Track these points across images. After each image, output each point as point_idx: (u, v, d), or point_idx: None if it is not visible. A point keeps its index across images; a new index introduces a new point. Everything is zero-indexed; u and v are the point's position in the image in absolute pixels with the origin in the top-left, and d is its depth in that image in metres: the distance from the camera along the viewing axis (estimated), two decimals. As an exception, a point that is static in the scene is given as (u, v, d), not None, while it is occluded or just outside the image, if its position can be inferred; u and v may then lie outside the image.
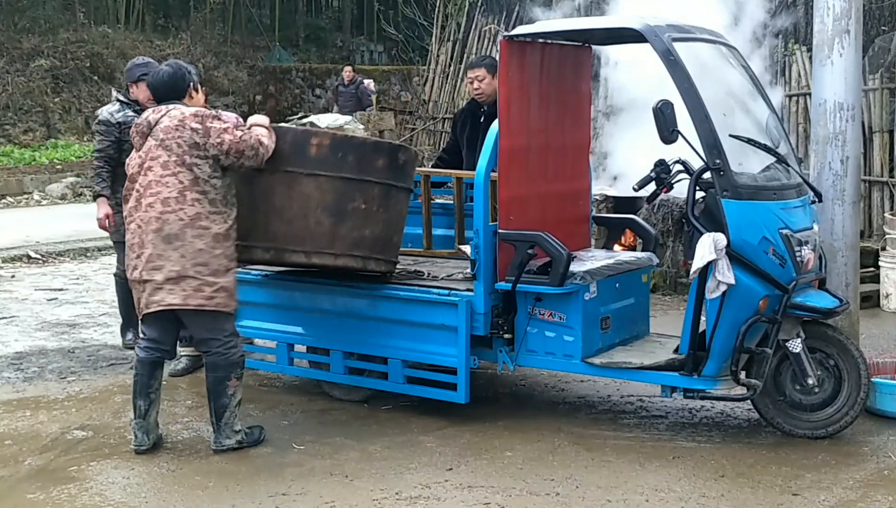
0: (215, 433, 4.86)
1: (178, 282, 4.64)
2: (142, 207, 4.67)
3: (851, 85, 5.50)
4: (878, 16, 11.75)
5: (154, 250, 4.65)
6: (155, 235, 4.65)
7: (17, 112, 19.06)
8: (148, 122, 4.74)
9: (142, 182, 4.70)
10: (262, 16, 25.52)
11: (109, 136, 6.42)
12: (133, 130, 4.83)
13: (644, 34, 4.89)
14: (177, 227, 4.64)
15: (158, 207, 4.65)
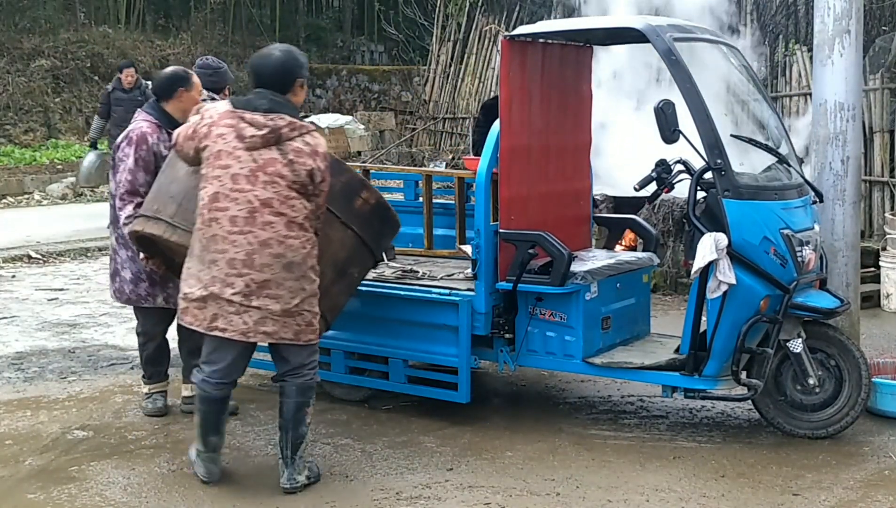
0: (288, 468, 4.42)
1: (294, 316, 4.25)
2: (257, 222, 4.15)
3: (852, 85, 5.50)
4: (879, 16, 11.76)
5: (273, 275, 4.17)
6: (275, 260, 4.18)
7: (18, 112, 19.05)
8: (278, 134, 4.20)
9: (260, 194, 4.16)
10: (262, 16, 25.51)
11: None
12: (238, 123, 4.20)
13: (646, 34, 4.89)
14: (300, 256, 4.23)
15: (282, 229, 4.18)
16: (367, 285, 5.45)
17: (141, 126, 5.11)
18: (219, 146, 4.19)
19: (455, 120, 17.43)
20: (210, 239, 4.19)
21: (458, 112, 17.40)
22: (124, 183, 5.04)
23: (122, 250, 5.24)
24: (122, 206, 5.04)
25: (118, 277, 5.30)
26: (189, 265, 4.30)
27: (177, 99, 5.16)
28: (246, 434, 5.14)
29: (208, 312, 4.20)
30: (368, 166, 7.02)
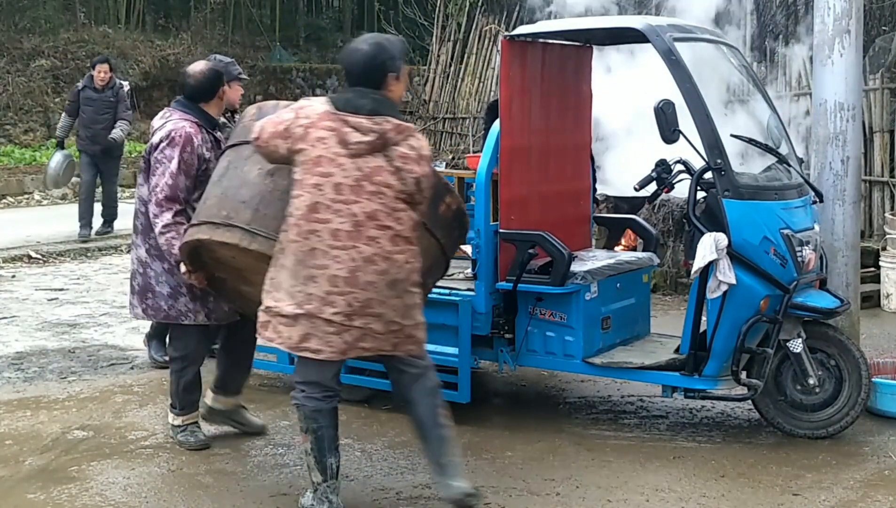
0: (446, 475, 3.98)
1: (395, 333, 3.94)
2: (361, 236, 3.81)
3: (852, 85, 5.50)
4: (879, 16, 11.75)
5: (376, 294, 3.84)
6: (379, 277, 3.85)
7: (18, 112, 19.05)
8: (385, 139, 3.87)
9: (365, 206, 3.82)
10: (262, 16, 25.51)
11: None
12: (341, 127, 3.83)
13: (646, 34, 4.90)
14: (404, 272, 3.90)
15: (386, 244, 3.86)
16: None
17: (183, 126, 4.65)
18: (318, 151, 3.81)
19: (455, 120, 17.42)
20: (308, 253, 3.82)
21: (458, 112, 17.40)
22: (164, 188, 4.57)
23: (155, 263, 4.73)
24: (159, 213, 4.56)
25: (151, 292, 4.76)
26: (274, 277, 3.91)
27: (219, 98, 4.85)
28: (246, 434, 5.13)
29: (298, 330, 3.85)
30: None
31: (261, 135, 3.99)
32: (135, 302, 4.85)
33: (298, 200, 3.85)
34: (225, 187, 4.27)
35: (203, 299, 4.72)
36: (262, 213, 4.11)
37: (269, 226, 4.05)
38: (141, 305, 4.81)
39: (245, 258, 4.20)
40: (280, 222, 3.95)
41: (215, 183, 4.35)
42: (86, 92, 11.05)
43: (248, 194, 4.17)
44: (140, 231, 4.78)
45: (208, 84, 4.80)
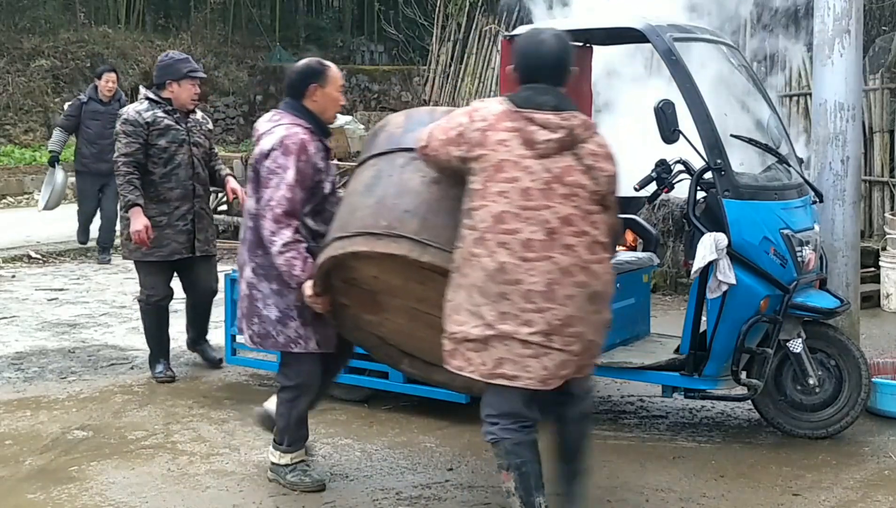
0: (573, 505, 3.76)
1: (590, 355, 3.63)
2: (556, 245, 3.46)
3: (852, 85, 5.50)
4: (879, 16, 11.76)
5: (576, 310, 3.49)
6: (578, 290, 3.49)
7: (18, 112, 19.06)
8: (574, 136, 3.54)
9: (558, 211, 3.46)
10: (262, 16, 25.50)
11: (138, 138, 5.78)
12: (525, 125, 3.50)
13: (645, 34, 4.89)
14: (601, 283, 3.56)
15: (583, 252, 3.50)
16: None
17: (296, 132, 4.18)
18: (500, 155, 3.46)
19: (455, 120, 17.41)
20: (497, 268, 3.45)
21: (458, 112, 17.38)
22: (281, 201, 4.08)
23: (262, 283, 4.23)
24: (277, 230, 4.07)
25: (258, 317, 4.28)
26: (452, 298, 3.56)
27: (309, 98, 4.30)
28: (246, 434, 5.14)
29: (492, 355, 3.47)
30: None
31: (429, 143, 3.65)
32: (243, 326, 4.40)
33: (482, 211, 3.48)
34: (380, 196, 3.84)
35: (314, 324, 4.24)
36: (431, 223, 3.71)
37: (441, 237, 3.67)
38: (248, 330, 4.35)
39: (391, 278, 3.91)
40: (451, 232, 3.62)
41: (362, 193, 3.93)
42: (90, 105, 10.07)
43: (413, 203, 3.76)
44: (249, 248, 4.28)
45: (297, 80, 4.34)
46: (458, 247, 3.57)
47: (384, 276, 3.92)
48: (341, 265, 3.95)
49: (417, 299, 3.96)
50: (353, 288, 4.07)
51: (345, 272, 4.00)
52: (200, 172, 6.02)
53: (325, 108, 4.31)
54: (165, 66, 5.94)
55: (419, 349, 4.29)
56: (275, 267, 4.15)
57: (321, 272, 3.99)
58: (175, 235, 5.94)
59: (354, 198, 3.98)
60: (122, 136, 5.81)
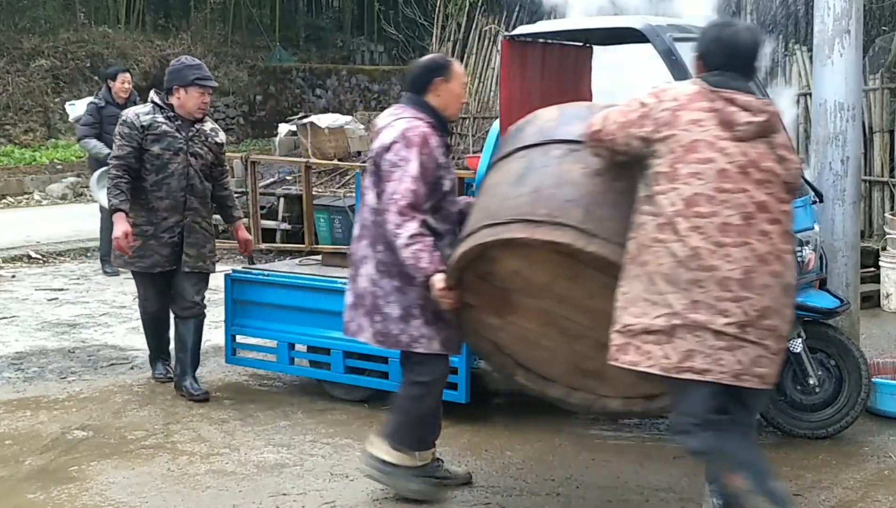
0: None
1: (779, 354, 3.40)
2: (753, 231, 3.30)
3: (852, 85, 5.49)
4: (879, 16, 11.76)
5: (772, 301, 3.31)
6: (774, 280, 3.32)
7: (18, 112, 19.06)
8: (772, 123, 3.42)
9: (754, 196, 3.31)
10: (262, 16, 25.51)
11: (131, 141, 5.55)
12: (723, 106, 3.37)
13: (646, 34, 4.89)
14: (792, 275, 3.41)
15: (778, 241, 3.35)
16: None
17: (417, 125, 4.09)
18: (693, 135, 3.32)
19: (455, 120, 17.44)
20: (690, 254, 3.28)
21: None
22: (405, 194, 3.98)
23: (384, 280, 4.11)
24: (402, 222, 3.96)
25: (379, 314, 4.14)
26: (628, 290, 3.40)
27: (433, 93, 4.18)
28: (246, 434, 5.14)
29: (678, 347, 3.28)
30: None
31: (604, 127, 3.51)
32: (363, 324, 4.21)
33: (670, 194, 3.33)
34: (535, 186, 3.71)
35: (437, 323, 4.11)
36: (596, 214, 3.57)
37: (607, 229, 3.53)
38: (370, 328, 4.19)
39: (536, 273, 3.76)
40: (615, 224, 3.51)
41: (513, 184, 3.80)
42: (107, 109, 9.27)
43: (575, 193, 3.63)
44: (369, 243, 4.17)
45: (420, 74, 4.24)
46: (631, 237, 3.43)
47: (528, 271, 3.78)
48: (483, 257, 3.79)
49: (558, 300, 3.80)
50: (485, 285, 3.92)
51: (483, 265, 3.85)
52: (196, 185, 5.66)
53: (448, 103, 4.22)
54: (174, 71, 5.69)
55: (537, 360, 4.12)
56: (397, 263, 4.04)
57: (460, 263, 3.83)
58: (159, 246, 5.62)
59: (502, 189, 3.84)
60: (117, 137, 5.63)
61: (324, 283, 5.57)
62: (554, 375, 4.07)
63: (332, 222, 9.04)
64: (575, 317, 3.76)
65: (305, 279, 5.67)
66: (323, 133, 12.43)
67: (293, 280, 5.70)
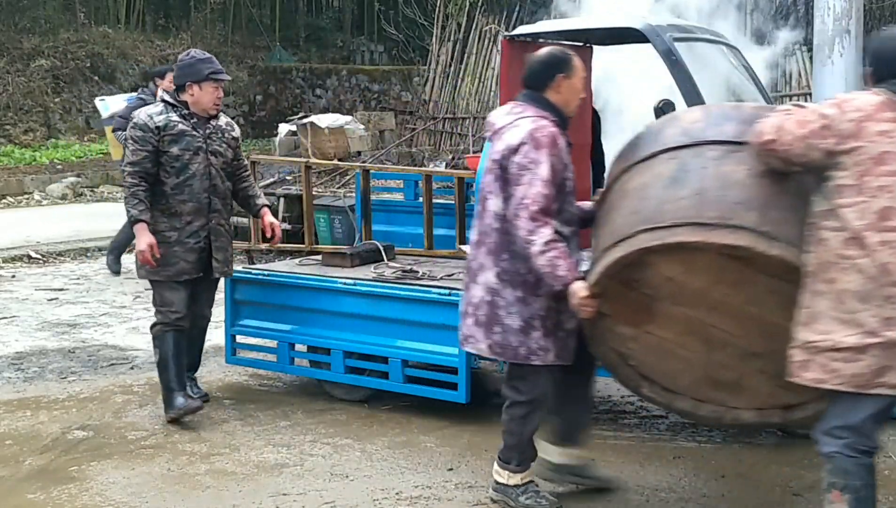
0: None
1: None
2: None
3: (852, 85, 5.50)
4: (879, 16, 11.77)
5: None
6: None
7: (18, 112, 19.06)
8: None
9: None
10: (262, 16, 25.52)
11: (146, 144, 5.19)
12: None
13: (646, 34, 4.89)
14: None
15: None
16: (366, 285, 5.46)
17: (545, 124, 3.91)
18: (882, 147, 3.24)
19: (455, 120, 17.43)
20: (880, 270, 3.21)
21: (457, 112, 17.40)
22: (537, 198, 3.81)
23: (506, 289, 3.97)
24: (535, 229, 3.79)
25: (499, 325, 3.99)
26: (810, 305, 3.34)
27: (553, 90, 4.02)
28: (246, 434, 5.14)
29: (870, 364, 3.23)
30: (368, 166, 7.02)
31: (779, 137, 3.41)
32: (478, 335, 4.07)
33: (857, 208, 3.25)
34: (698, 188, 3.58)
35: (555, 335, 4.00)
36: (771, 216, 3.47)
37: (784, 232, 3.44)
38: (486, 339, 4.04)
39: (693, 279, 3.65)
40: (790, 228, 3.43)
41: (667, 186, 3.67)
42: None
43: (743, 196, 3.52)
44: (492, 251, 4.00)
45: (541, 70, 4.05)
46: (810, 251, 3.35)
47: (685, 276, 3.66)
48: (638, 263, 3.67)
49: (708, 307, 3.70)
50: (628, 293, 3.78)
51: (633, 272, 3.71)
52: (219, 185, 5.37)
53: (569, 100, 4.07)
54: (186, 66, 5.33)
55: (664, 372, 3.98)
56: (521, 273, 3.92)
57: (612, 269, 3.68)
58: (185, 253, 5.28)
59: (654, 191, 3.70)
60: (129, 142, 5.24)
61: (324, 283, 5.57)
62: (681, 387, 3.97)
63: (332, 222, 9.05)
64: (724, 325, 3.69)
65: (305, 279, 5.67)
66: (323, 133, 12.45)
67: (293, 280, 5.70)
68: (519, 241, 3.85)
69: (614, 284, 3.74)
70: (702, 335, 3.78)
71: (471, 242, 4.13)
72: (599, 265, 3.72)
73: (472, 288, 4.08)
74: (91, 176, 16.35)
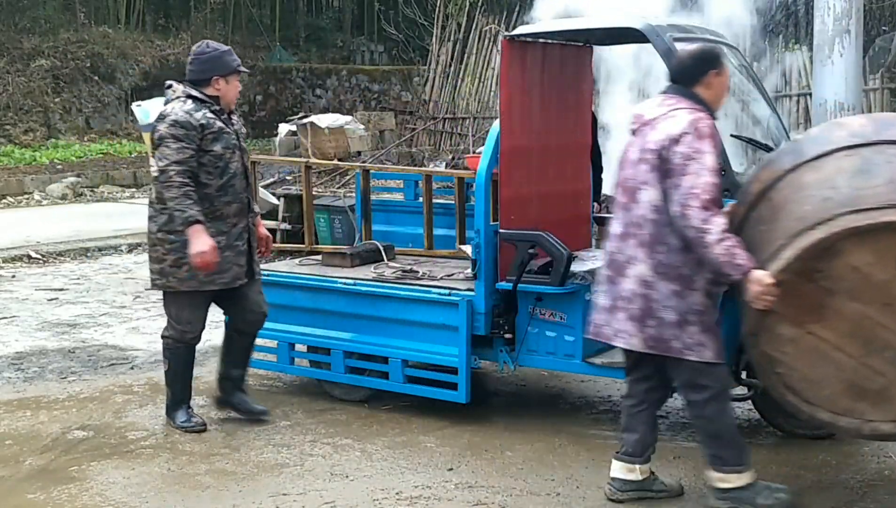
0: None
1: None
2: None
3: (852, 85, 5.51)
4: (879, 16, 11.77)
5: None
6: None
7: (18, 112, 19.07)
8: None
9: None
10: (262, 16, 25.53)
11: (191, 142, 4.86)
12: None
13: (646, 34, 4.89)
14: None
15: None
16: (366, 285, 5.46)
17: (702, 115, 3.90)
18: None
19: (455, 120, 17.43)
20: None
21: (458, 112, 17.41)
22: (707, 187, 3.77)
23: (661, 283, 3.93)
24: (708, 218, 3.75)
25: (653, 319, 3.96)
26: None
27: (704, 85, 4.01)
28: (246, 434, 5.14)
29: None
30: (368, 166, 7.03)
31: None
32: (630, 329, 4.03)
33: None
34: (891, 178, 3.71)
35: (713, 331, 3.98)
36: None
37: None
38: (639, 333, 4.00)
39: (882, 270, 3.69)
40: None
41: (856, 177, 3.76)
42: None
43: None
44: (645, 243, 3.95)
45: (692, 67, 4.04)
46: None
47: (872, 267, 3.70)
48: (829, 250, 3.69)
49: (884, 303, 3.75)
50: (806, 286, 3.78)
51: (819, 261, 3.72)
52: (251, 183, 5.23)
53: (719, 96, 4.05)
54: (211, 59, 5.03)
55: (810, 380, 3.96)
56: (677, 266, 3.90)
57: (808, 254, 3.70)
58: (235, 257, 5.03)
59: (843, 180, 3.77)
60: (170, 140, 4.84)
61: (324, 283, 5.57)
62: (821, 398, 3.97)
63: (332, 222, 9.05)
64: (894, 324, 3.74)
65: (305, 279, 5.67)
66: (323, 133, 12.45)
67: (293, 280, 5.70)
68: (690, 232, 3.81)
69: (792, 276, 3.74)
70: (865, 337, 3.82)
71: (613, 234, 4.08)
72: (789, 251, 3.71)
73: (620, 282, 4.03)
74: (91, 176, 16.36)
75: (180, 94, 5.02)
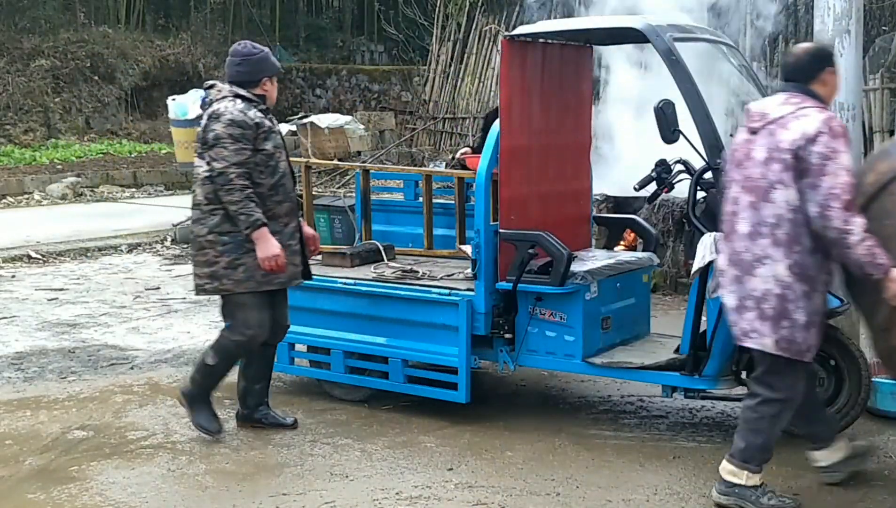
0: None
1: None
2: None
3: (852, 85, 5.49)
4: (879, 16, 11.77)
5: None
6: None
7: (18, 112, 19.06)
8: None
9: None
10: (262, 16, 25.52)
11: (248, 143, 4.79)
12: None
13: (646, 34, 4.89)
14: None
15: None
16: (366, 285, 5.46)
17: (830, 115, 3.94)
18: None
19: (455, 120, 17.45)
20: None
21: (457, 112, 17.42)
22: (846, 187, 3.78)
23: (797, 284, 3.92)
24: (849, 218, 3.75)
25: (787, 320, 3.94)
26: None
27: (820, 82, 4.05)
28: (246, 434, 5.14)
29: None
30: (368, 166, 7.02)
31: None
32: (763, 330, 3.99)
33: None
34: None
35: (818, 332, 4.04)
36: None
37: None
38: (773, 334, 3.96)
39: None
40: None
41: None
42: None
43: None
44: (781, 243, 3.91)
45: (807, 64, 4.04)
46: None
47: None
48: None
49: None
50: None
51: None
52: (296, 182, 5.21)
53: (831, 94, 4.11)
54: (261, 60, 5.02)
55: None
56: (810, 267, 3.91)
57: None
58: (291, 256, 4.96)
59: None
60: (228, 140, 4.74)
61: (324, 283, 5.57)
62: None
63: (332, 222, 9.03)
64: None
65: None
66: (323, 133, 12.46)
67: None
68: (832, 232, 3.80)
69: None
70: None
71: (740, 233, 4.04)
72: None
73: (749, 281, 4.01)
74: (91, 176, 16.35)
75: (227, 93, 4.94)
